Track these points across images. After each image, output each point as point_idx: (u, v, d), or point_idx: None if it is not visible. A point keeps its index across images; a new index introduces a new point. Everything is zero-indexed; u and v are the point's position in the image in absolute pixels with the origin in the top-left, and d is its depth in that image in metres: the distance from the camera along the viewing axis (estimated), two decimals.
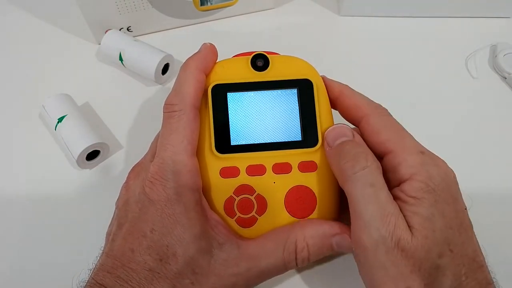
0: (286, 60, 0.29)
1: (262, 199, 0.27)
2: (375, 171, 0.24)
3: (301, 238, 0.25)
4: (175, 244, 0.24)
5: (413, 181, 0.23)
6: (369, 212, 0.22)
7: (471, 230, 0.24)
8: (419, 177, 0.23)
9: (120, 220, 0.26)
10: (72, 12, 0.41)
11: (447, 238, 0.22)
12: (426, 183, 0.23)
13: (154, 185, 0.25)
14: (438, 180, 0.23)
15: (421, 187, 0.23)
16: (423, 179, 0.23)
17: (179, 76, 0.27)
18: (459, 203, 0.24)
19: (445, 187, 0.23)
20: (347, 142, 0.25)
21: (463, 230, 0.23)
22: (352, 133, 0.26)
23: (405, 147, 0.25)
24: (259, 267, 0.25)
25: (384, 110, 0.27)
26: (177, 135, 0.25)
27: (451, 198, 0.23)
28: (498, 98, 0.39)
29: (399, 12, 0.44)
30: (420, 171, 0.23)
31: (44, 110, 0.36)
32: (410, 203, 0.23)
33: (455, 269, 0.22)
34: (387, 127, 0.26)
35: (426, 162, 0.24)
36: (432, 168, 0.24)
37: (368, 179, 0.23)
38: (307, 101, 0.28)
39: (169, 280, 0.23)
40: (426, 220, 0.22)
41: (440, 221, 0.22)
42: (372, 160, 0.24)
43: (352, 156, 0.24)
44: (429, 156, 0.24)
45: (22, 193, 0.34)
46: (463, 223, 0.23)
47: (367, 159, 0.24)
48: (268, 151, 0.27)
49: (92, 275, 0.24)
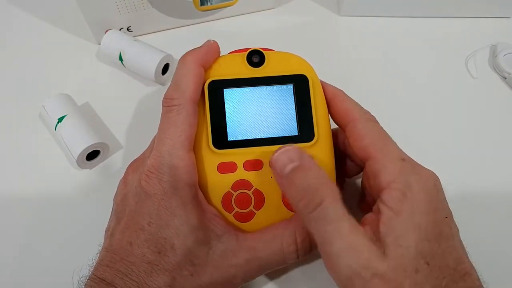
0: (281, 56, 0.29)
1: (259, 193, 0.27)
2: (331, 204, 0.22)
3: (300, 229, 0.25)
4: (173, 236, 0.24)
5: (391, 190, 0.22)
6: (335, 249, 0.21)
7: (453, 238, 0.23)
8: (397, 185, 0.23)
9: (118, 215, 0.26)
10: (72, 12, 0.41)
11: (422, 251, 0.21)
12: (403, 192, 0.22)
13: (150, 179, 0.25)
14: (417, 189, 0.22)
15: (398, 197, 0.22)
16: (401, 188, 0.22)
17: (177, 69, 0.27)
18: (439, 211, 0.23)
19: (423, 196, 0.22)
20: (296, 170, 0.23)
21: (442, 240, 0.22)
22: (300, 155, 0.24)
23: (386, 153, 0.24)
24: (258, 259, 0.25)
25: (372, 117, 0.27)
26: (175, 129, 0.25)
27: (431, 207, 0.22)
28: (498, 98, 0.39)
29: (399, 12, 0.44)
30: (398, 179, 0.23)
31: (44, 110, 0.36)
32: (388, 217, 0.22)
33: (434, 282, 0.21)
34: (372, 132, 0.26)
35: (405, 170, 0.23)
36: (411, 176, 0.23)
37: (325, 216, 0.22)
38: (303, 96, 0.28)
39: (168, 272, 0.23)
40: (400, 237, 0.21)
41: (415, 235, 0.21)
42: (326, 190, 0.22)
43: (303, 192, 0.22)
44: (409, 163, 0.24)
45: (22, 193, 0.34)
46: (442, 232, 0.22)
47: (319, 191, 0.22)
48: (265, 146, 0.27)
49: (92, 270, 0.24)
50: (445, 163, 0.25)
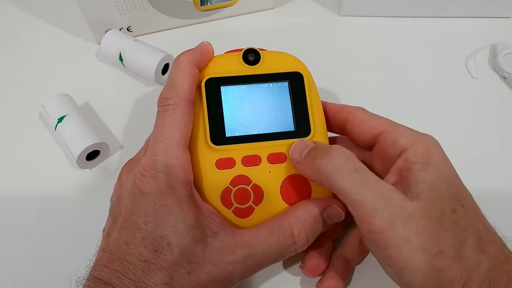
0: (276, 55, 0.30)
1: (258, 189, 0.27)
2: (353, 157, 0.24)
3: (295, 222, 0.25)
4: (169, 234, 0.24)
5: (415, 148, 0.24)
6: (369, 195, 0.22)
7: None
8: (420, 144, 0.24)
9: (114, 215, 0.26)
10: (72, 12, 0.41)
11: (455, 194, 0.23)
12: (427, 149, 0.24)
13: (145, 177, 0.25)
14: (436, 147, 0.24)
15: (423, 153, 0.24)
16: (424, 146, 0.24)
17: (172, 70, 0.28)
18: (454, 169, 0.25)
19: (442, 154, 0.24)
20: (312, 149, 0.26)
21: (466, 189, 0.24)
22: (314, 142, 0.26)
23: (397, 125, 0.26)
24: (255, 255, 0.25)
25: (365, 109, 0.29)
26: (170, 128, 0.26)
27: (449, 163, 0.24)
28: (498, 98, 0.39)
29: (399, 12, 0.44)
30: (419, 140, 0.25)
31: (44, 110, 0.36)
32: (416, 169, 0.23)
33: (471, 224, 0.22)
34: (372, 115, 0.28)
35: (420, 134, 0.25)
36: (428, 137, 0.25)
37: (351, 166, 0.23)
38: (299, 92, 0.29)
39: (165, 271, 0.23)
40: (433, 183, 0.23)
41: (446, 182, 0.23)
42: (345, 149, 0.24)
43: (324, 153, 0.24)
44: (419, 131, 0.26)
45: (22, 193, 0.34)
46: (464, 184, 0.24)
47: (339, 150, 0.24)
48: (263, 142, 0.28)
49: (90, 270, 0.24)
50: None
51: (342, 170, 0.23)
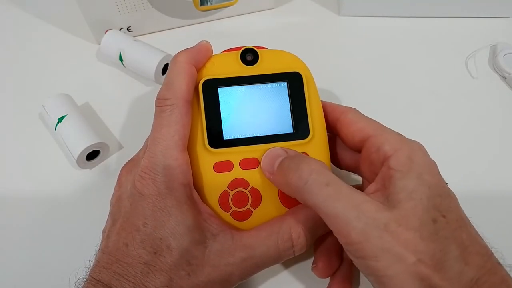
0: (275, 54, 0.29)
1: (256, 192, 0.27)
2: (323, 170, 0.23)
3: (294, 225, 0.25)
4: (169, 236, 0.24)
5: (398, 155, 0.24)
6: (341, 208, 0.22)
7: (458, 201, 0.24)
8: (403, 151, 0.24)
9: (114, 217, 0.26)
10: (72, 12, 0.41)
11: (435, 205, 0.22)
12: (410, 156, 0.23)
13: (144, 180, 0.25)
14: (420, 154, 0.24)
15: (405, 160, 0.23)
16: (406, 153, 0.24)
17: (169, 69, 0.27)
18: (441, 176, 0.24)
19: (427, 161, 0.24)
20: (283, 160, 0.25)
21: (451, 199, 0.23)
22: (285, 150, 0.26)
23: (384, 129, 0.26)
24: (254, 257, 0.25)
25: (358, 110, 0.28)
26: (168, 129, 0.25)
27: (434, 170, 0.24)
28: (498, 98, 0.39)
29: (399, 12, 0.44)
30: (402, 146, 0.24)
31: (44, 110, 0.36)
32: (397, 177, 0.23)
33: (453, 234, 0.22)
34: (363, 117, 0.27)
35: (405, 140, 0.25)
36: (412, 144, 0.25)
37: (322, 180, 0.23)
38: (297, 93, 0.28)
39: (164, 273, 0.23)
40: (413, 192, 0.22)
41: (427, 191, 0.22)
42: (315, 162, 0.24)
43: (294, 167, 0.24)
44: (404, 136, 0.25)
45: (21, 193, 0.34)
46: (449, 193, 0.23)
47: (309, 164, 0.24)
48: (261, 144, 0.27)
49: (89, 272, 0.24)
50: (445, 163, 0.25)
51: (313, 185, 0.23)
